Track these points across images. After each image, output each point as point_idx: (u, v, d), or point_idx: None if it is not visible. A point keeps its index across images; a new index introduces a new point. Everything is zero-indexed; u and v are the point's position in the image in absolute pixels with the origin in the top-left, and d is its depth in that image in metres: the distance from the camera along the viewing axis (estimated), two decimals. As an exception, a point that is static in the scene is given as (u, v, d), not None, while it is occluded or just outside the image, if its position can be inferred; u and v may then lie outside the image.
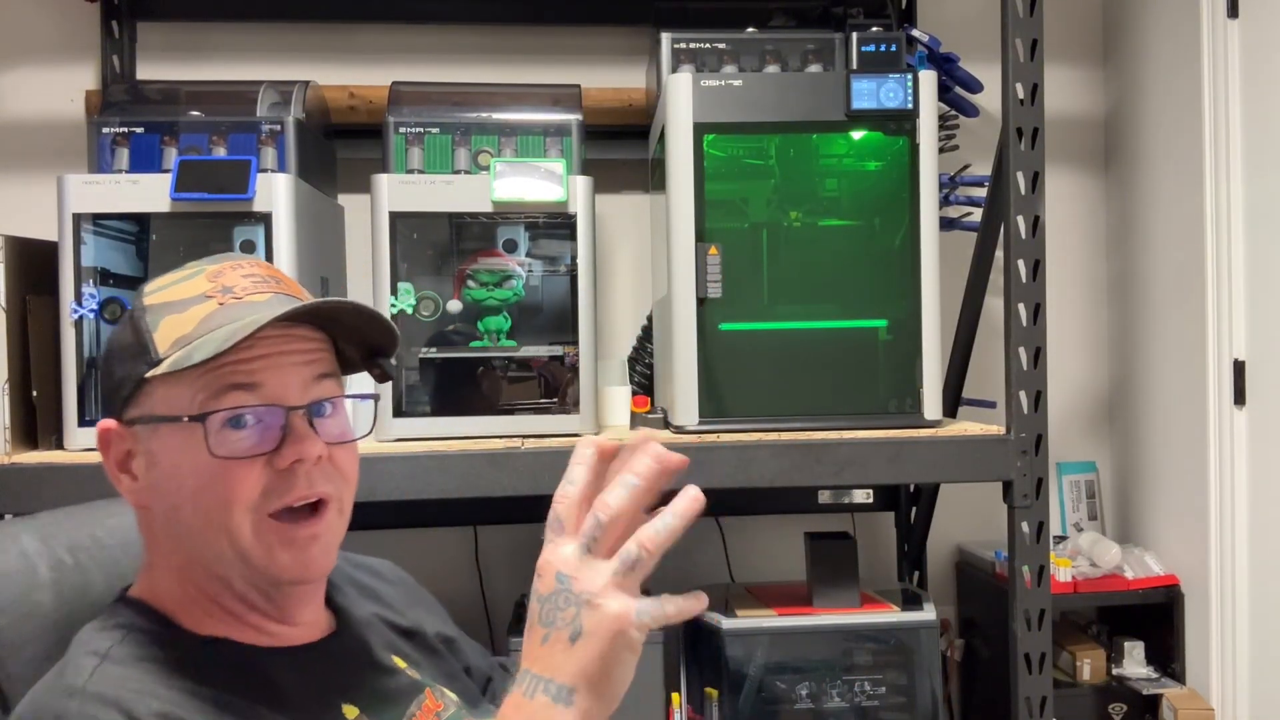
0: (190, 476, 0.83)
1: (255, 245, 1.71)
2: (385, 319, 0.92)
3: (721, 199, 1.80)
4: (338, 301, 0.88)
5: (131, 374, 0.85)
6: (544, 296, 1.85)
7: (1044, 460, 1.72)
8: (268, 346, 0.84)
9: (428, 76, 2.24)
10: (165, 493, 0.85)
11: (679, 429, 1.75)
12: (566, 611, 0.69)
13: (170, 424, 0.84)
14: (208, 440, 0.82)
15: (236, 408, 0.83)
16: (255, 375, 0.83)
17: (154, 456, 0.85)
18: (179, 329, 0.84)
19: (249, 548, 0.83)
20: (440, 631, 1.08)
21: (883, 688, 1.97)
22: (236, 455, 0.82)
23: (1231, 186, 2.12)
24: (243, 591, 0.87)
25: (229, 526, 0.83)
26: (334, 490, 0.87)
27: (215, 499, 0.83)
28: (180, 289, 0.87)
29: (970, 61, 2.24)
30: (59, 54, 2.29)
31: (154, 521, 0.88)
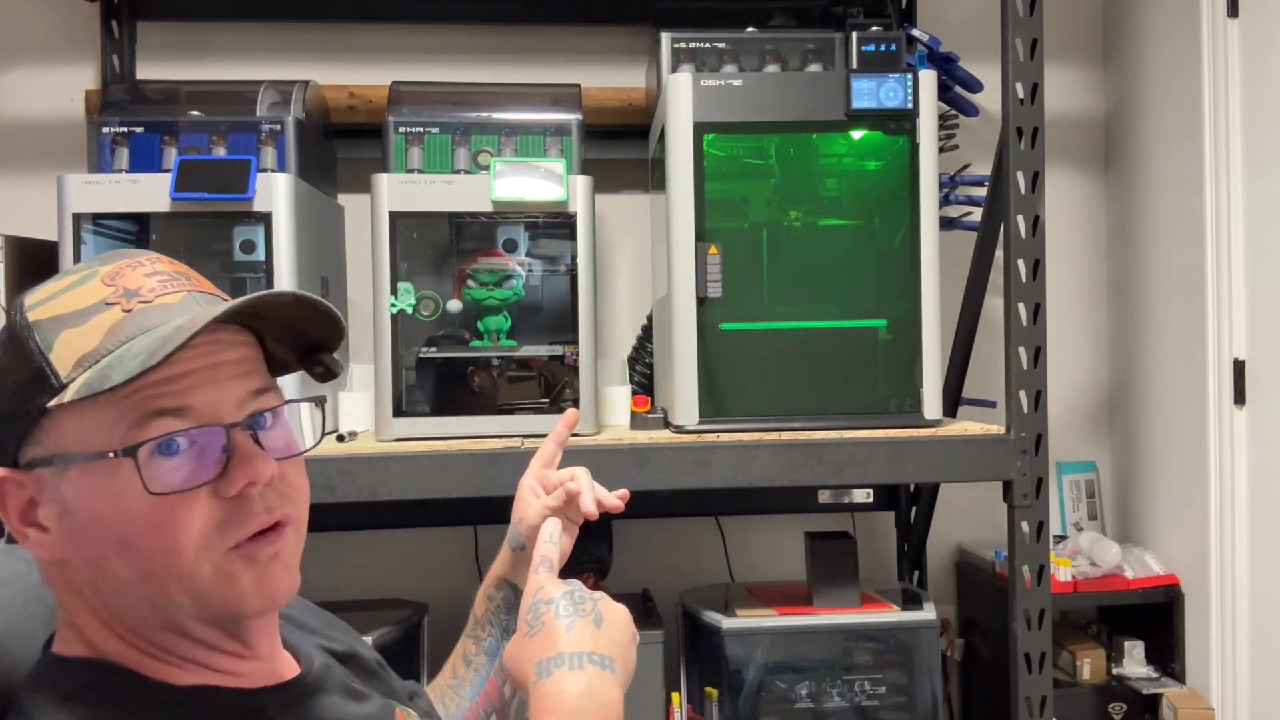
0: (118, 522, 0.70)
1: (255, 245, 1.72)
2: (331, 308, 0.79)
3: (721, 199, 1.80)
4: (277, 294, 0.75)
5: (26, 406, 0.70)
6: (544, 296, 1.85)
7: (1044, 460, 1.72)
8: (193, 358, 0.71)
9: (428, 76, 2.24)
10: (85, 543, 0.71)
11: (679, 429, 1.75)
12: (584, 605, 0.80)
13: (85, 463, 0.69)
14: (141, 476, 0.68)
15: (168, 433, 0.70)
16: (184, 394, 0.71)
17: (66, 503, 0.71)
18: (81, 345, 0.69)
19: (207, 588, 0.72)
20: (371, 655, 0.98)
21: (883, 687, 1.97)
22: (176, 489, 0.69)
23: (1231, 186, 2.12)
24: (199, 634, 0.75)
25: (179, 573, 0.71)
26: (292, 510, 0.77)
27: (156, 545, 0.70)
28: (73, 297, 0.72)
29: (970, 61, 2.24)
30: (59, 54, 2.29)
31: (73, 576, 0.73)
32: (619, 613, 0.83)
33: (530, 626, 0.80)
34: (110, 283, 0.73)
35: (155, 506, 0.69)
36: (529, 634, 0.80)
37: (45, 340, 0.70)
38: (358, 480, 1.60)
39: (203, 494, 0.71)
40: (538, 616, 0.80)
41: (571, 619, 0.79)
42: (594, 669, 0.76)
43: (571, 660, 0.76)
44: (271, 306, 0.76)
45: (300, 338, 0.82)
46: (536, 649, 0.78)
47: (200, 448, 0.71)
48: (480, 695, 1.06)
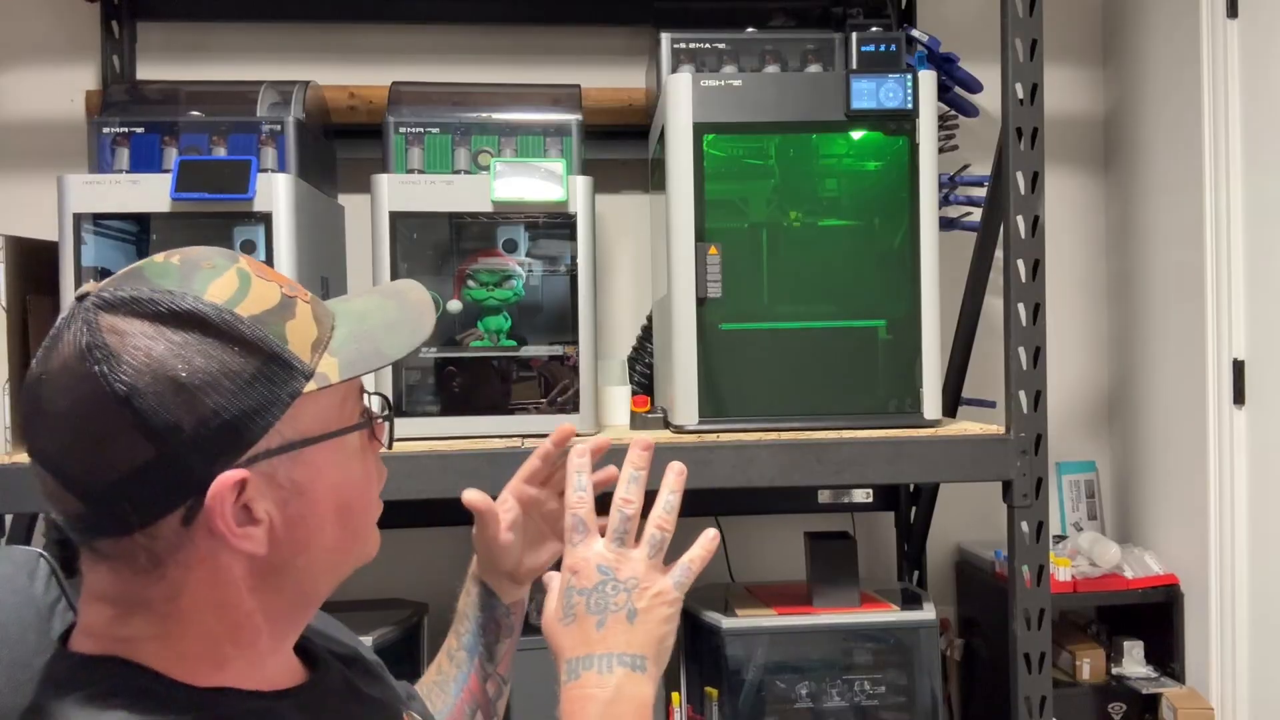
0: (346, 487, 0.77)
1: (255, 245, 1.72)
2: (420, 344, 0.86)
3: (721, 199, 1.80)
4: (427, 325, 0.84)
5: (276, 395, 0.71)
6: (544, 296, 1.86)
7: (1044, 460, 1.72)
8: None
9: (428, 76, 2.24)
10: (308, 522, 0.74)
11: (679, 429, 1.76)
12: (617, 598, 0.78)
13: (326, 441, 0.74)
14: (373, 433, 0.80)
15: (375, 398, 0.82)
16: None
17: (299, 486, 0.73)
18: (306, 333, 0.73)
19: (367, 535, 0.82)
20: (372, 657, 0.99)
21: (882, 687, 1.97)
22: (379, 445, 0.82)
23: (1231, 186, 2.12)
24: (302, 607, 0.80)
25: (370, 523, 0.81)
26: None
27: (367, 499, 0.80)
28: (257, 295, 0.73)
29: (970, 61, 2.24)
30: (59, 54, 2.29)
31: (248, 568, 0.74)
32: (656, 599, 0.82)
33: (565, 614, 0.79)
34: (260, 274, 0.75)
35: (364, 470, 0.79)
36: (563, 621, 0.80)
37: (268, 333, 0.71)
38: (358, 480, 1.60)
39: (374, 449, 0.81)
40: (570, 606, 0.79)
41: (603, 616, 0.78)
42: (623, 671, 0.76)
43: (601, 663, 0.76)
44: None
45: None
46: (568, 642, 0.79)
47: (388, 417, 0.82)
48: (464, 692, 1.05)
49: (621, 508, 0.82)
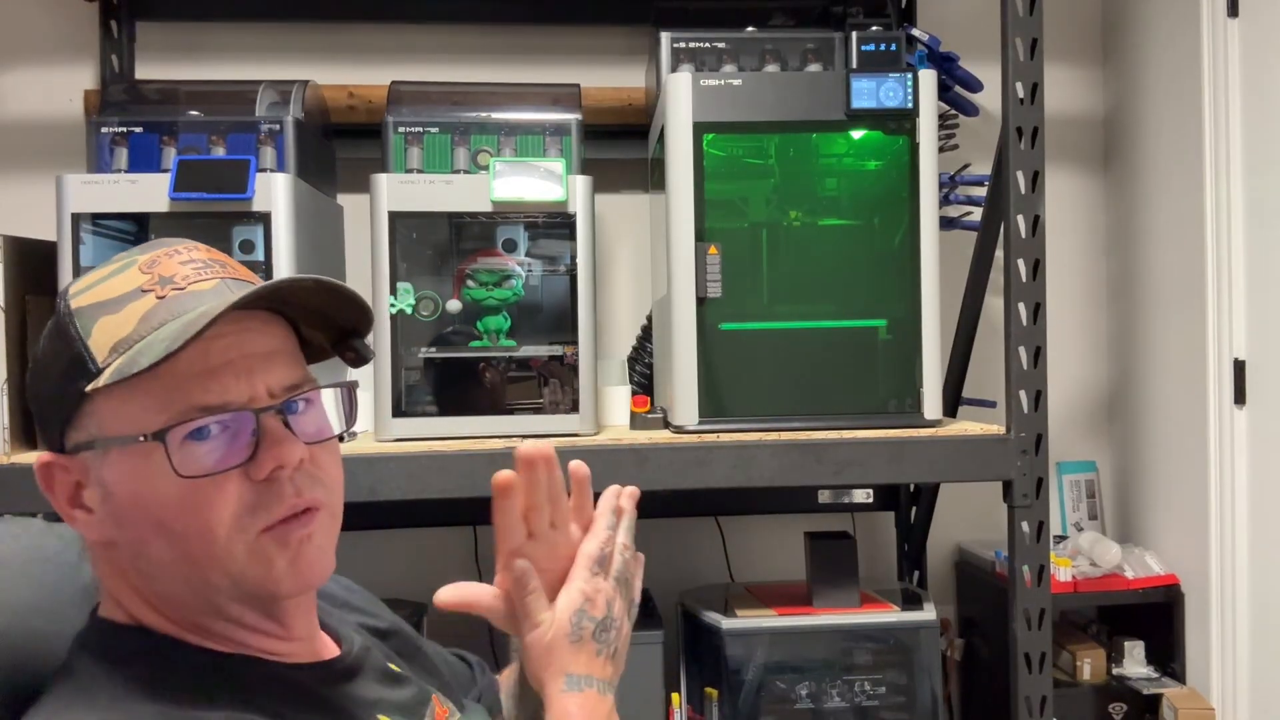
0: (155, 505, 0.72)
1: (254, 245, 1.71)
2: (355, 293, 0.80)
3: (721, 199, 1.80)
4: (297, 279, 0.76)
5: (68, 391, 0.72)
6: (544, 296, 1.85)
7: (1044, 460, 1.72)
8: (227, 348, 0.74)
9: (427, 76, 2.23)
10: (127, 525, 0.74)
11: (678, 429, 1.75)
12: (612, 634, 0.87)
13: (123, 447, 0.72)
14: (171, 460, 0.71)
15: (198, 418, 0.72)
16: (217, 381, 0.73)
17: (108, 486, 0.73)
18: (116, 331, 0.72)
19: (243, 569, 0.74)
20: (411, 631, 1.03)
21: (883, 687, 1.97)
22: (206, 472, 0.72)
23: (1231, 186, 2.12)
24: (237, 615, 0.78)
25: (214, 554, 0.73)
26: (324, 495, 0.78)
27: (190, 527, 0.72)
28: (112, 285, 0.75)
29: (970, 61, 2.24)
30: (58, 54, 2.29)
31: (117, 557, 0.76)
32: (625, 641, 0.90)
33: (574, 633, 0.85)
34: (147, 270, 0.75)
35: (188, 490, 0.71)
36: (570, 638, 0.85)
37: (85, 327, 0.73)
38: (357, 480, 1.60)
39: (234, 477, 0.73)
40: (580, 628, 0.85)
41: (602, 647, 0.86)
42: (612, 698, 0.86)
43: (601, 686, 0.85)
44: (298, 292, 0.77)
45: (332, 324, 0.84)
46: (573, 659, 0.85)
47: (231, 432, 0.73)
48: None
49: (623, 551, 0.91)
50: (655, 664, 1.97)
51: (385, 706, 0.85)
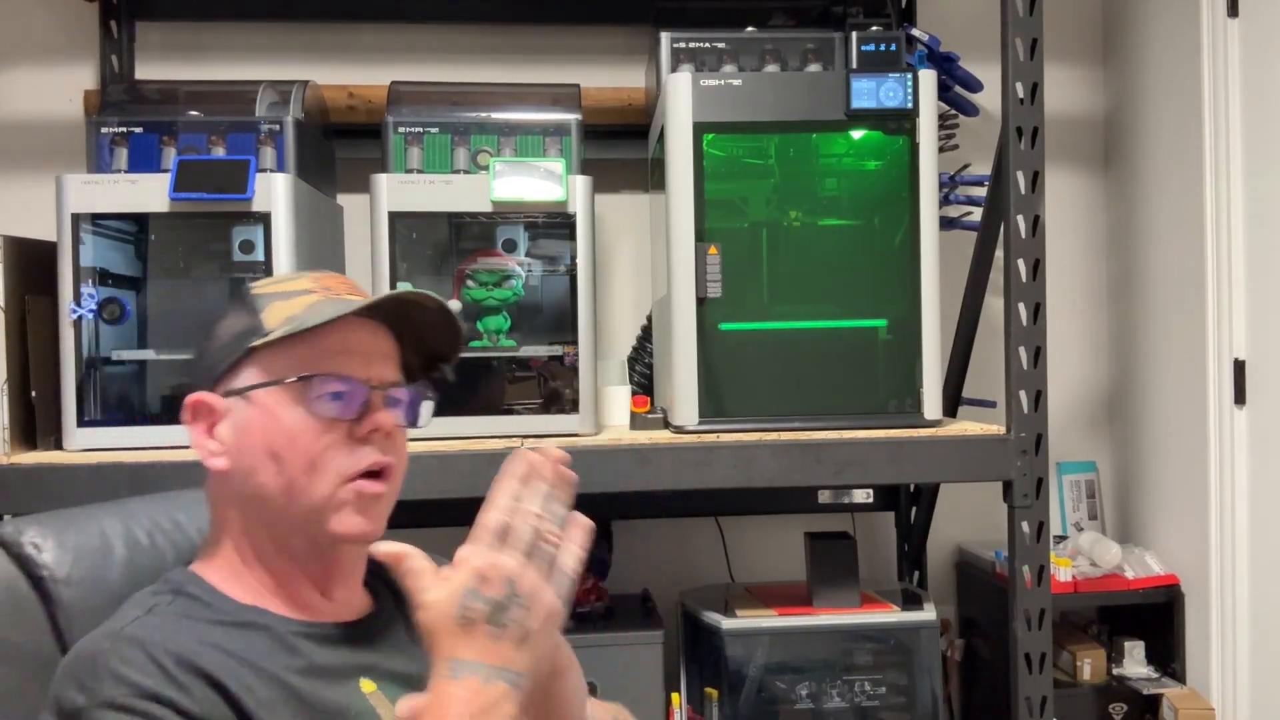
0: (277, 437, 0.92)
1: (254, 245, 1.71)
2: (459, 325, 1.03)
3: (721, 199, 1.80)
4: (424, 295, 0.98)
5: (237, 348, 0.94)
6: (543, 296, 1.85)
7: (1044, 460, 1.72)
8: (358, 343, 0.96)
9: (427, 76, 2.24)
10: (248, 453, 0.93)
11: (679, 429, 1.75)
12: (516, 613, 0.79)
13: (268, 389, 0.93)
14: (309, 397, 0.92)
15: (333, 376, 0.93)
16: (348, 361, 0.95)
17: (244, 422, 0.94)
18: (288, 311, 0.95)
19: (323, 503, 0.92)
20: None
21: (883, 688, 1.97)
22: (328, 416, 0.93)
23: (1231, 186, 2.12)
24: (297, 554, 0.95)
25: (311, 483, 0.92)
26: (396, 464, 0.98)
27: (297, 459, 0.92)
28: (287, 284, 0.99)
29: (970, 61, 2.24)
30: (58, 54, 2.29)
31: (230, 484, 0.95)
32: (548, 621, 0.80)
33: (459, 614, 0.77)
34: (314, 280, 1.00)
35: (305, 429, 0.92)
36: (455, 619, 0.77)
37: (260, 305, 0.96)
38: (357, 481, 1.59)
39: (341, 429, 0.93)
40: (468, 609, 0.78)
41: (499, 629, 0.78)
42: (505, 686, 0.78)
43: (488, 673, 0.77)
44: (419, 310, 0.99)
45: (429, 350, 1.05)
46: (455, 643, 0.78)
47: (349, 398, 0.94)
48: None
49: (535, 522, 0.82)
50: (655, 664, 1.97)
51: (378, 672, 0.95)
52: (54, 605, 0.99)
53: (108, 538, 1.06)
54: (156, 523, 1.11)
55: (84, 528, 1.06)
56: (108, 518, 1.09)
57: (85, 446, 1.66)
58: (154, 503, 1.15)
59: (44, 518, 1.06)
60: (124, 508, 1.13)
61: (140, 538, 1.08)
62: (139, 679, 0.81)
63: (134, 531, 1.09)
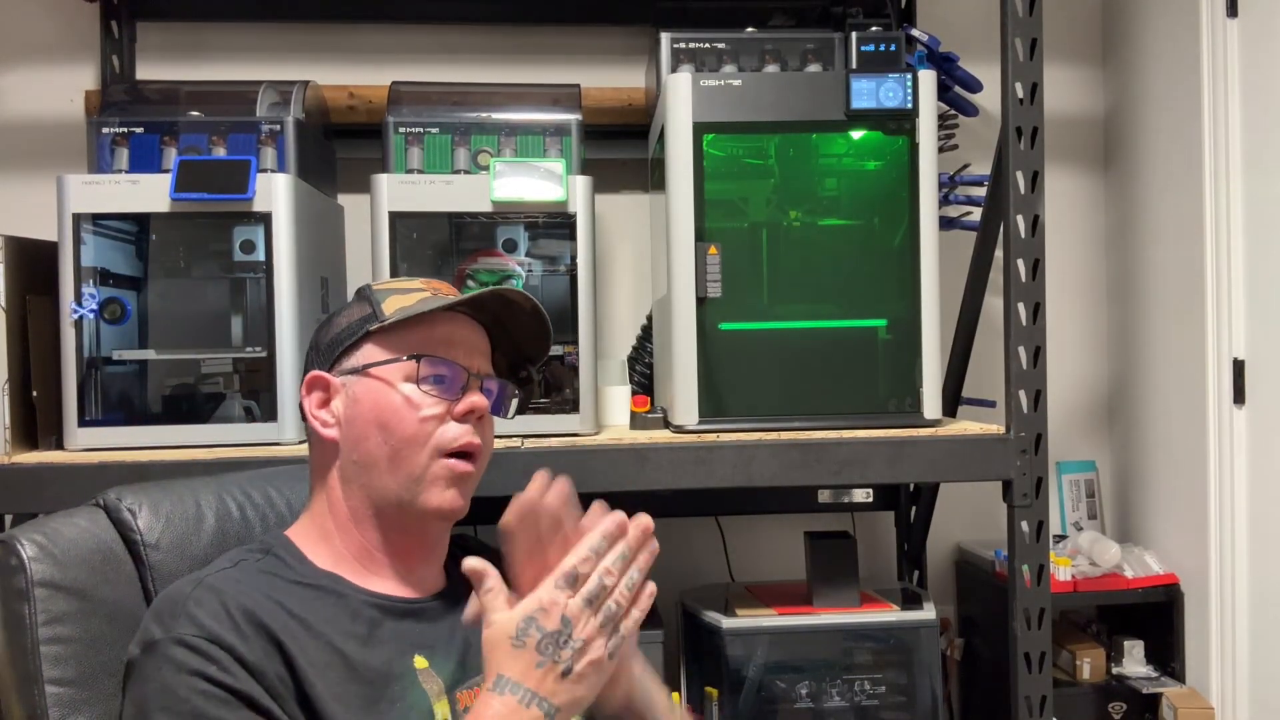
0: (386, 409, 1.02)
1: (255, 245, 1.72)
2: (548, 327, 1.13)
3: (721, 199, 1.80)
4: (524, 294, 1.09)
5: (357, 330, 1.06)
6: (544, 296, 1.85)
7: (1043, 459, 1.72)
8: (461, 336, 1.07)
9: (427, 76, 2.24)
10: (358, 424, 1.03)
11: (679, 428, 1.76)
12: (564, 652, 0.86)
13: (383, 366, 1.04)
14: (418, 374, 1.03)
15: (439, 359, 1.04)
16: (452, 349, 1.06)
17: (356, 397, 1.04)
18: (402, 303, 1.06)
19: (418, 476, 1.02)
20: None
21: (883, 687, 1.97)
22: (431, 394, 1.03)
23: (1231, 185, 2.12)
24: (390, 524, 1.04)
25: (408, 456, 1.02)
26: (485, 446, 1.08)
27: (404, 429, 1.02)
28: (403, 284, 1.10)
29: (970, 61, 2.24)
30: (59, 54, 2.29)
31: (336, 455, 1.05)
32: (590, 667, 0.87)
33: (517, 637, 0.86)
34: (426, 284, 1.10)
35: (412, 402, 1.03)
36: (512, 641, 0.86)
37: (379, 299, 1.07)
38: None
39: (441, 409, 1.03)
40: (524, 633, 0.86)
41: (546, 659, 0.86)
42: (538, 713, 0.85)
43: (526, 696, 0.85)
44: (515, 309, 1.10)
45: (519, 352, 1.17)
46: (508, 662, 0.86)
47: (451, 380, 1.05)
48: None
49: (603, 575, 0.88)
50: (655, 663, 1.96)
51: (434, 649, 1.02)
52: (144, 566, 1.09)
53: (201, 508, 1.16)
54: (249, 496, 1.22)
55: (181, 497, 1.17)
56: (204, 490, 1.20)
57: (86, 446, 1.67)
58: (251, 479, 1.26)
59: (146, 487, 1.16)
60: (221, 481, 1.23)
61: (232, 509, 1.19)
62: (209, 622, 0.89)
63: (226, 504, 1.19)
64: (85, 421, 1.67)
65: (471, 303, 1.07)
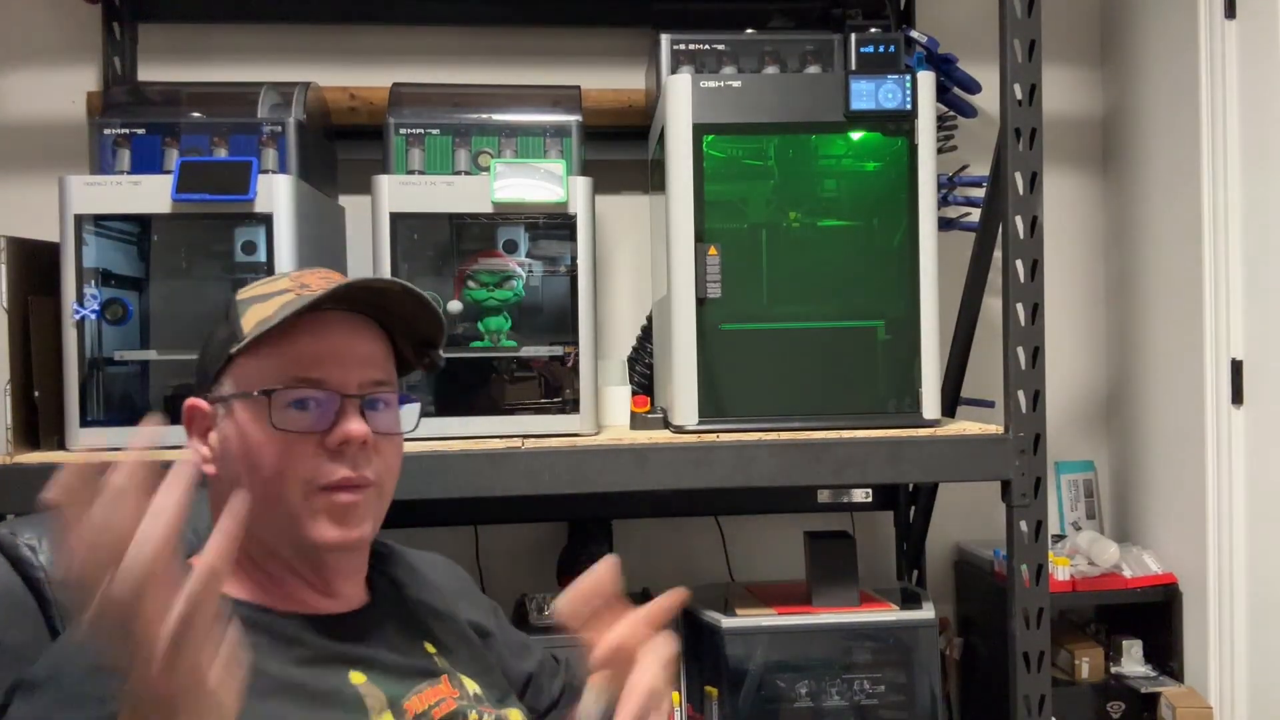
0: (253, 449, 0.93)
1: (256, 246, 1.72)
2: (433, 305, 1.02)
3: (721, 199, 1.81)
4: (387, 279, 0.99)
5: (221, 354, 0.96)
6: (544, 296, 1.86)
7: (1042, 459, 1.73)
8: (332, 346, 0.96)
9: (428, 78, 2.24)
10: (231, 462, 0.95)
11: (679, 429, 1.76)
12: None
13: (243, 399, 0.94)
14: (270, 414, 0.93)
15: (300, 387, 0.94)
16: (321, 366, 0.95)
17: (227, 430, 0.95)
18: (262, 314, 0.95)
19: (297, 513, 0.94)
20: (478, 622, 1.14)
21: (882, 686, 1.97)
22: (293, 430, 0.93)
23: (1229, 186, 2.13)
24: (289, 559, 0.97)
25: (281, 494, 0.93)
26: (375, 475, 0.97)
27: (271, 470, 0.93)
28: (266, 286, 1.00)
29: (968, 62, 2.25)
30: (60, 55, 2.29)
31: (221, 489, 0.97)
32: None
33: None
34: (293, 280, 0.99)
35: (278, 441, 0.93)
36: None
37: (240, 312, 0.97)
38: (359, 480, 1.60)
39: (312, 440, 0.93)
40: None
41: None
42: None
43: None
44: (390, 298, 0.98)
45: (417, 334, 1.04)
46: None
47: (321, 407, 0.94)
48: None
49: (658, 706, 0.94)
50: (655, 663, 1.97)
51: (368, 665, 0.96)
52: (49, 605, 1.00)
53: None
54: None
55: None
56: None
57: (88, 447, 1.67)
58: None
59: (41, 518, 1.05)
60: None
61: None
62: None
63: None
64: (87, 422, 1.68)
65: (335, 298, 0.95)
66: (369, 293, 0.98)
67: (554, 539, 2.27)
